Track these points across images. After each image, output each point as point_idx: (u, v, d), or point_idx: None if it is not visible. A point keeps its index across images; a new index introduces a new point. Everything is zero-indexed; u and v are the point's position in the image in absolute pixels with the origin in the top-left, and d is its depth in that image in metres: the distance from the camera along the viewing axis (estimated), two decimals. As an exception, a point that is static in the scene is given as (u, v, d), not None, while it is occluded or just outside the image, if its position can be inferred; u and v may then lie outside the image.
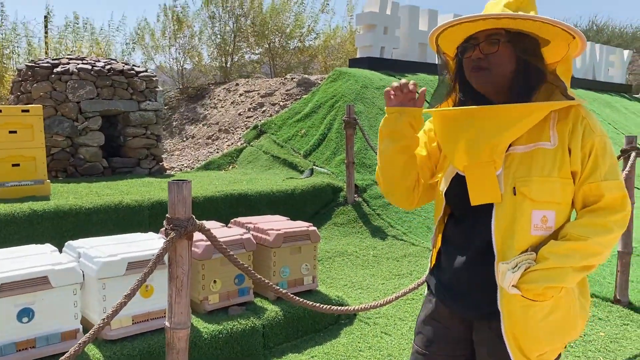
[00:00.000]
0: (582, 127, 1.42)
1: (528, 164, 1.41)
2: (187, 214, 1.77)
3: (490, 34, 1.44)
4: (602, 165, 1.41)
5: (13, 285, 2.40)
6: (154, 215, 4.37)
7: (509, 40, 1.44)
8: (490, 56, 1.44)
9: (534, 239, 1.41)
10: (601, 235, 1.38)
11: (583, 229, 1.38)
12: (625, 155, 3.65)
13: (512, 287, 1.36)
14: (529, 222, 1.40)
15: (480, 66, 1.45)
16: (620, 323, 3.54)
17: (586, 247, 1.37)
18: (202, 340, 2.90)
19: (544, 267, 1.36)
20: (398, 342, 3.29)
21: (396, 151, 1.58)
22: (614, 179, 1.41)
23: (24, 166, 4.49)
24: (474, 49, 1.46)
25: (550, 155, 1.40)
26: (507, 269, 1.37)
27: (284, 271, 3.47)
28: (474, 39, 1.47)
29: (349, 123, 5.67)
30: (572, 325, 1.46)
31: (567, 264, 1.36)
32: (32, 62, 6.23)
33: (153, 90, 6.64)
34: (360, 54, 8.88)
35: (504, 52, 1.44)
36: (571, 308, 1.45)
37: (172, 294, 1.81)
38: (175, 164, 7.84)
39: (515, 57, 1.45)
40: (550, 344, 1.44)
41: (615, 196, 1.41)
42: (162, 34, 11.67)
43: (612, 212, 1.40)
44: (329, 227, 5.41)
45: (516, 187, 1.40)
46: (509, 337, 1.42)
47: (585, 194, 1.43)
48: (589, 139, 1.41)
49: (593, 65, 12.88)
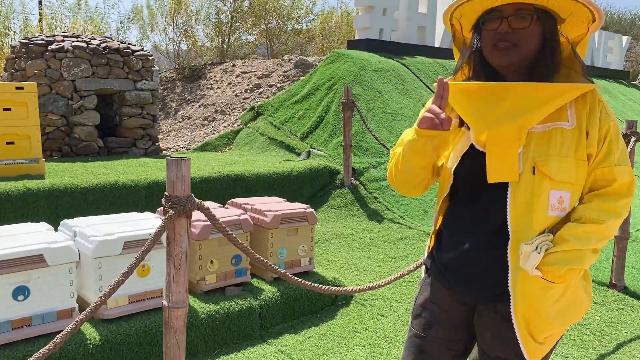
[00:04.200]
0: (600, 110, 1.41)
1: (546, 143, 1.38)
2: (185, 192, 1.75)
3: (519, 8, 1.38)
4: (616, 150, 1.40)
5: (8, 263, 2.37)
6: (150, 195, 4.34)
7: (539, 17, 1.39)
8: (519, 32, 1.38)
9: (551, 220, 1.39)
10: (613, 219, 1.39)
11: (599, 212, 1.38)
12: (625, 140, 3.64)
13: (534, 269, 1.34)
14: (547, 202, 1.38)
15: (509, 41, 1.39)
16: (615, 307, 3.56)
17: (602, 230, 1.37)
18: (198, 321, 2.90)
19: (565, 249, 1.35)
20: (394, 323, 3.30)
21: (419, 166, 1.51)
22: (625, 164, 1.41)
23: (18, 144, 4.44)
24: (500, 22, 1.40)
25: (568, 136, 1.39)
26: (531, 250, 1.35)
27: (281, 252, 3.46)
28: (499, 11, 1.40)
29: (346, 105, 5.62)
30: (579, 307, 1.45)
31: (587, 246, 1.36)
32: (26, 39, 6.13)
33: (149, 69, 6.56)
34: (358, 35, 8.79)
35: (534, 29, 1.39)
36: (578, 290, 1.44)
37: (170, 273, 1.79)
38: (171, 145, 7.78)
39: (542, 36, 1.40)
40: (559, 326, 1.43)
41: (625, 181, 1.41)
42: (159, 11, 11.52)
43: (620, 197, 1.40)
44: (326, 209, 5.40)
45: (536, 165, 1.37)
46: (518, 319, 1.40)
47: (596, 177, 1.42)
48: (606, 122, 1.40)
49: (591, 50, 12.82)
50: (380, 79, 7.49)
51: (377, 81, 7.44)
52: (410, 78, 7.99)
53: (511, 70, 1.44)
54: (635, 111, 11.29)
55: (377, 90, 7.24)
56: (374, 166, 5.94)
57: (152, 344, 2.74)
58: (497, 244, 1.42)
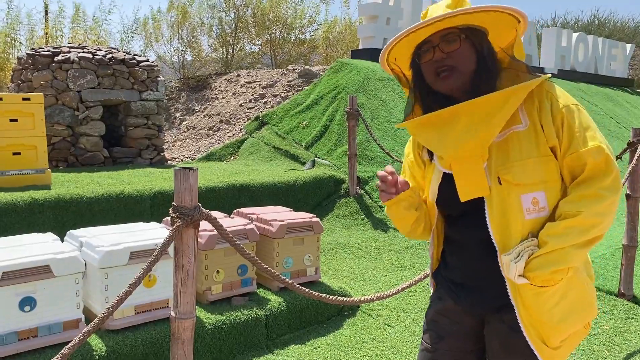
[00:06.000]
0: (549, 101, 1.40)
1: (505, 150, 1.40)
2: (193, 202, 1.74)
3: (445, 34, 1.41)
4: (578, 134, 1.37)
5: (15, 274, 2.37)
6: (155, 205, 4.34)
7: (466, 36, 1.42)
8: (453, 54, 1.41)
9: (530, 224, 1.38)
10: (594, 205, 1.33)
11: (575, 204, 1.35)
12: (632, 148, 3.62)
13: (519, 277, 1.34)
14: (520, 208, 1.38)
15: (447, 65, 1.41)
16: (624, 317, 3.53)
17: (582, 222, 1.33)
18: (205, 331, 2.88)
19: (545, 252, 1.33)
20: (401, 334, 3.27)
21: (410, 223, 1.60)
22: (593, 144, 1.36)
23: (24, 155, 4.45)
24: (433, 52, 1.43)
25: (524, 137, 1.39)
26: (510, 260, 1.35)
27: (286, 262, 3.45)
28: (429, 42, 1.44)
29: (351, 114, 5.62)
30: (588, 303, 1.44)
31: (567, 242, 1.33)
32: (32, 50, 6.17)
33: (154, 80, 6.59)
34: (362, 45, 8.82)
35: (465, 48, 1.42)
36: (583, 287, 1.43)
37: (177, 284, 1.78)
38: (176, 155, 7.80)
39: (475, 52, 1.43)
40: (571, 327, 1.41)
41: (599, 160, 1.36)
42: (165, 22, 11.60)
43: (599, 179, 1.35)
44: (331, 218, 5.39)
45: (500, 176, 1.39)
46: (527, 327, 1.40)
47: (569, 166, 1.39)
48: (558, 111, 1.38)
49: (595, 59, 12.82)
50: (385, 88, 7.50)
51: (381, 90, 7.45)
52: (415, 87, 7.99)
53: (459, 92, 1.45)
54: (640, 119, 11.25)
55: (382, 100, 7.25)
56: (379, 175, 5.93)
57: (158, 355, 2.72)
58: (490, 257, 1.43)
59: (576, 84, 11.63)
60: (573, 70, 12.14)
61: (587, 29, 19.28)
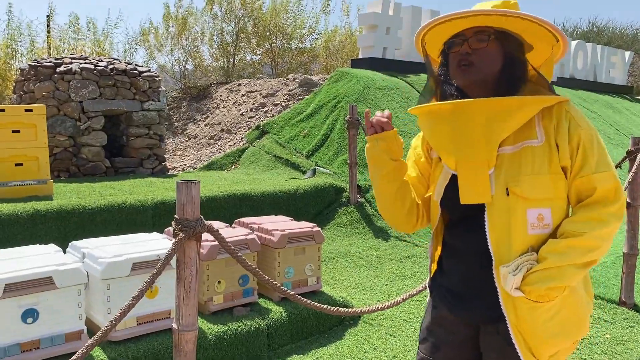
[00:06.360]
0: (567, 121, 1.41)
1: (517, 163, 1.40)
2: (195, 214, 1.76)
3: (478, 31, 1.44)
4: (591, 158, 1.39)
5: (17, 285, 2.38)
6: (157, 215, 4.36)
7: (497, 38, 1.44)
8: (478, 51, 1.44)
9: (532, 239, 1.40)
10: (597, 229, 1.36)
11: (579, 224, 1.37)
12: (631, 157, 3.63)
13: (515, 290, 1.35)
14: (525, 222, 1.39)
15: (468, 61, 1.44)
16: (626, 325, 3.53)
17: (583, 243, 1.35)
18: (206, 342, 2.89)
19: (543, 268, 1.35)
20: (403, 343, 3.27)
21: (384, 179, 1.57)
22: (605, 171, 1.39)
23: (27, 166, 4.48)
24: (462, 44, 1.46)
25: (538, 152, 1.40)
26: (508, 272, 1.36)
27: (288, 272, 3.46)
28: (462, 35, 1.47)
29: (351, 123, 5.65)
30: (580, 323, 1.45)
31: (566, 261, 1.34)
32: (34, 62, 6.21)
33: (156, 90, 6.63)
34: (362, 54, 8.87)
35: (492, 49, 1.44)
36: (578, 305, 1.44)
37: (180, 296, 1.80)
38: (177, 164, 7.82)
39: (503, 56, 1.45)
40: (560, 344, 1.42)
41: (609, 187, 1.39)
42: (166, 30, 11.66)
43: (606, 204, 1.38)
44: (332, 227, 5.40)
45: (509, 187, 1.39)
46: (518, 339, 1.41)
47: (578, 189, 1.41)
48: (575, 132, 1.40)
49: (594, 66, 12.86)
50: (385, 97, 7.53)
51: (381, 99, 7.48)
52: (414, 95, 8.03)
53: (476, 89, 1.47)
54: (640, 126, 11.27)
55: (382, 108, 7.28)
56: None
57: (160, 366, 2.73)
58: (486, 266, 1.44)
59: (575, 91, 11.67)
60: (572, 78, 12.18)
61: (586, 37, 19.36)
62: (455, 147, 1.44)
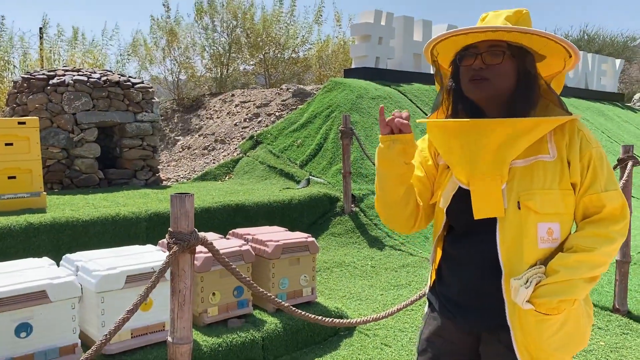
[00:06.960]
0: (579, 139, 1.43)
1: (529, 177, 1.42)
2: (189, 227, 1.76)
3: (492, 45, 1.43)
4: (601, 176, 1.42)
5: (11, 299, 2.37)
6: (151, 227, 4.35)
7: (512, 54, 1.44)
8: (492, 67, 1.43)
9: (542, 252, 1.41)
10: (606, 246, 1.39)
11: (589, 239, 1.39)
12: (622, 165, 3.67)
13: (525, 303, 1.36)
14: (535, 236, 1.40)
15: (482, 76, 1.43)
16: (619, 332, 3.54)
17: (593, 258, 1.38)
18: (201, 354, 2.87)
19: (555, 281, 1.36)
20: (398, 353, 3.27)
21: (393, 182, 1.53)
22: (613, 189, 1.43)
23: (20, 178, 4.46)
24: (474, 58, 1.44)
25: (550, 168, 1.42)
26: (520, 285, 1.36)
27: (282, 283, 3.46)
28: (475, 47, 1.45)
29: (345, 133, 5.68)
30: (582, 336, 1.46)
31: (577, 275, 1.36)
32: (27, 74, 6.22)
33: (149, 101, 6.64)
34: (355, 64, 8.92)
35: (507, 65, 1.43)
36: (580, 318, 1.45)
37: (174, 309, 1.80)
38: (171, 175, 7.81)
39: (516, 72, 1.45)
40: (563, 356, 1.43)
41: (616, 206, 1.42)
42: (155, 44, 11.68)
43: (613, 222, 1.41)
44: (326, 237, 5.40)
45: (520, 201, 1.40)
46: (521, 351, 1.42)
47: (586, 205, 1.44)
48: (587, 150, 1.42)
49: (585, 74, 12.99)
50: (378, 106, 7.56)
51: (374, 108, 7.51)
52: (407, 105, 8.07)
53: (490, 105, 1.48)
54: (631, 133, 11.38)
55: (375, 118, 7.31)
56: (373, 193, 5.95)
57: (155, 379, 2.71)
58: (494, 277, 1.45)
59: (567, 99, 11.77)
60: (564, 86, 12.25)
61: (577, 45, 19.54)
62: (469, 163, 1.44)
